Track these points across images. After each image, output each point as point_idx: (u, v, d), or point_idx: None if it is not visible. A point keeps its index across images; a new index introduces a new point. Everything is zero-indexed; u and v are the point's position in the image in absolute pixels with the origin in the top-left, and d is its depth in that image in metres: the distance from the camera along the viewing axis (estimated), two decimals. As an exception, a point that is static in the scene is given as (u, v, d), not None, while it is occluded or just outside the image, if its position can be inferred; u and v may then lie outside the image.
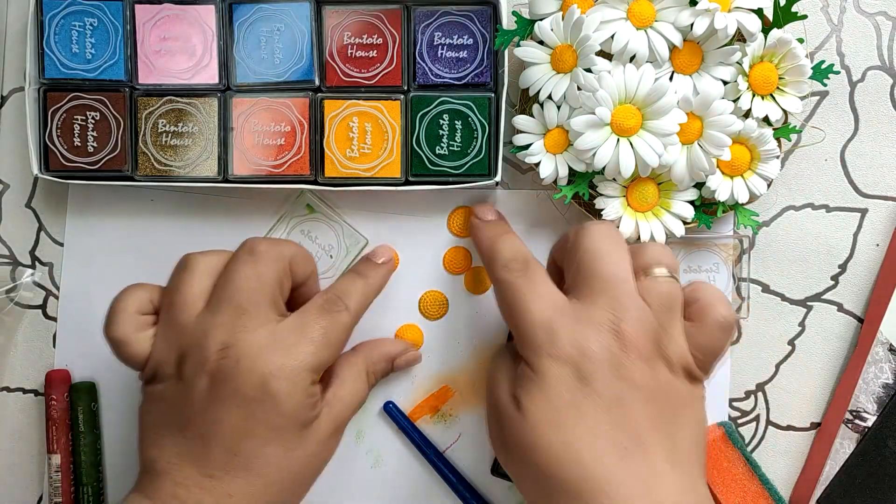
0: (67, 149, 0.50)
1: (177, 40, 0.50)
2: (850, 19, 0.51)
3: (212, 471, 0.40)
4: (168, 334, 0.42)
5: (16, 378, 0.53)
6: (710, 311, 0.40)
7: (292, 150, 0.49)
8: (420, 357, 0.51)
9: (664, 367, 0.39)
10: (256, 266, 0.42)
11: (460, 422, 0.52)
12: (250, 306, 0.41)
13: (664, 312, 0.39)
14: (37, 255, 0.53)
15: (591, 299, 0.39)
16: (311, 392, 0.41)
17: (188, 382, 0.40)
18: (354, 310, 0.44)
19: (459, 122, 0.49)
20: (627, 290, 0.39)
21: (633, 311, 0.38)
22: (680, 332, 0.40)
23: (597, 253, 0.40)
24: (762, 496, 0.50)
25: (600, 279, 0.39)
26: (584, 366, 0.37)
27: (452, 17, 0.49)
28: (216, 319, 0.41)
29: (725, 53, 0.45)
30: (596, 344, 0.38)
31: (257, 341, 0.40)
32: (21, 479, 0.52)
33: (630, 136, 0.45)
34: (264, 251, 0.42)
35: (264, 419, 0.40)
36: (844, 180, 0.51)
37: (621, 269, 0.40)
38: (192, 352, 0.41)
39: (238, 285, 0.41)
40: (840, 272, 0.51)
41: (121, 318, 0.42)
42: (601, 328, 0.38)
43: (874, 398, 0.49)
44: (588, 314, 0.39)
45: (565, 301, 0.40)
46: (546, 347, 0.38)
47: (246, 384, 0.40)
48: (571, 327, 0.38)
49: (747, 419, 0.52)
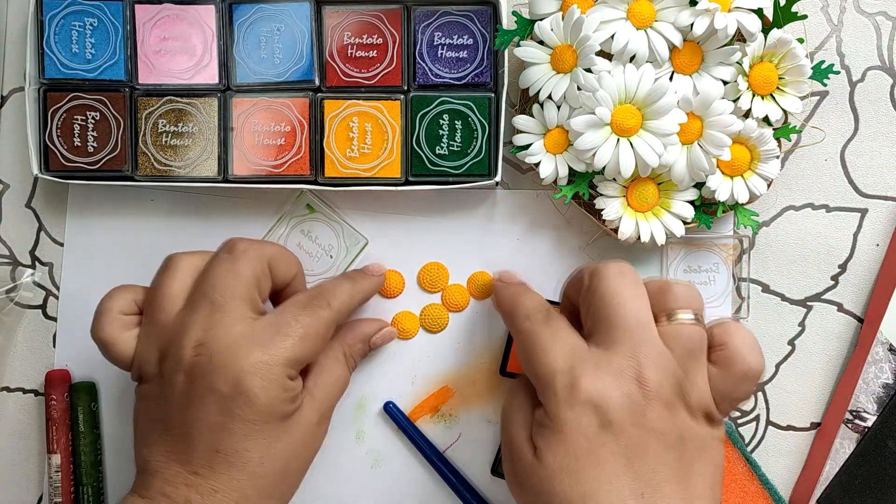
0: (67, 149, 0.50)
1: (177, 40, 0.50)
2: (850, 19, 0.51)
3: (196, 468, 0.40)
4: (149, 333, 0.42)
5: (16, 378, 0.53)
6: (737, 362, 0.39)
7: (292, 150, 0.49)
8: (395, 332, 0.51)
9: (685, 412, 0.38)
10: (234, 264, 0.42)
11: (460, 422, 0.52)
12: (226, 302, 0.41)
13: (687, 358, 0.39)
14: (37, 255, 0.53)
15: (611, 346, 0.39)
16: (287, 386, 0.41)
17: (167, 381, 0.41)
18: (336, 308, 0.44)
19: (459, 122, 0.49)
20: (649, 336, 0.39)
21: (654, 358, 0.38)
22: (703, 376, 0.39)
23: (615, 298, 0.39)
24: (762, 496, 0.50)
25: (621, 325, 0.39)
26: (604, 414, 0.37)
27: (452, 17, 0.49)
28: (192, 317, 0.41)
29: (725, 53, 0.45)
30: (617, 392, 0.37)
31: (231, 337, 0.40)
32: (21, 479, 0.52)
33: (630, 136, 0.45)
34: (242, 250, 0.43)
35: (241, 415, 0.40)
36: (844, 180, 0.51)
37: (641, 314, 0.39)
38: (170, 350, 0.41)
39: (214, 282, 0.42)
40: (840, 272, 0.51)
41: (105, 318, 0.43)
42: (622, 376, 0.38)
43: (874, 398, 0.49)
44: (609, 361, 0.38)
45: (586, 348, 0.39)
46: (566, 396, 0.38)
47: (220, 380, 0.40)
48: (592, 375, 0.38)
49: (747, 419, 0.52)
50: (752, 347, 0.40)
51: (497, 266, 0.51)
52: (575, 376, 0.38)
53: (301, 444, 0.42)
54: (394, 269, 0.51)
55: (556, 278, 0.51)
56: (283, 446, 0.41)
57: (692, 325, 0.39)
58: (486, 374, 0.51)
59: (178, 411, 0.40)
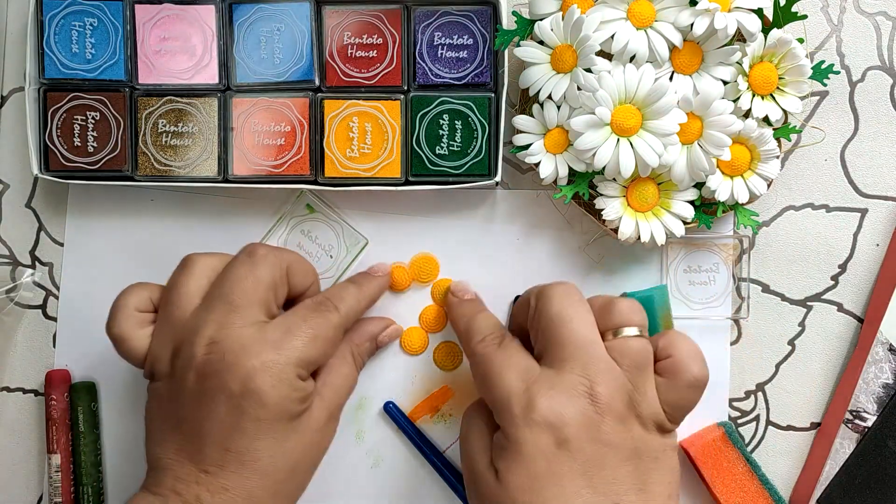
0: (67, 149, 0.50)
1: (177, 40, 0.50)
2: (850, 19, 0.51)
3: (207, 466, 0.40)
4: (164, 331, 0.42)
5: (16, 378, 0.53)
6: (682, 371, 0.40)
7: (292, 150, 0.49)
8: (402, 330, 0.51)
9: (637, 424, 0.40)
10: (253, 268, 0.43)
11: (460, 422, 0.51)
12: (241, 304, 0.42)
13: (635, 372, 0.40)
14: (37, 255, 0.53)
15: (562, 365, 0.40)
16: (297, 386, 0.41)
17: (179, 378, 0.41)
18: (344, 312, 0.45)
19: (459, 122, 0.49)
20: (597, 352, 0.40)
21: (604, 374, 0.39)
22: (651, 388, 0.40)
23: (561, 318, 0.41)
24: (762, 496, 0.50)
25: (569, 345, 0.40)
26: (560, 432, 0.38)
27: (452, 17, 0.49)
28: (208, 316, 0.41)
29: (725, 53, 0.45)
30: (571, 409, 0.38)
31: (243, 338, 0.41)
32: (21, 479, 0.52)
33: (630, 136, 0.45)
34: (262, 255, 0.43)
35: (251, 413, 0.40)
36: (844, 180, 0.51)
37: (588, 332, 0.40)
38: (183, 348, 0.41)
39: (232, 284, 0.42)
40: (840, 272, 0.51)
41: (121, 315, 0.43)
42: (575, 393, 0.39)
43: (874, 398, 0.49)
44: (561, 380, 0.39)
45: (538, 369, 0.40)
46: (522, 417, 0.39)
47: (231, 379, 0.40)
48: (546, 394, 0.39)
49: (747, 419, 0.52)
50: (695, 357, 0.41)
51: (496, 266, 0.51)
52: (530, 397, 0.39)
53: (310, 443, 0.43)
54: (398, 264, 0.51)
55: (555, 278, 0.51)
56: (292, 445, 0.41)
57: (638, 340, 0.41)
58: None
59: (190, 409, 0.41)
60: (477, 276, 0.51)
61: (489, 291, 0.51)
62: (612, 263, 0.51)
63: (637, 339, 0.41)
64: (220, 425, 0.40)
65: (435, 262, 0.51)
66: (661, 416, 0.40)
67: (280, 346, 0.41)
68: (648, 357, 0.41)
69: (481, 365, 0.42)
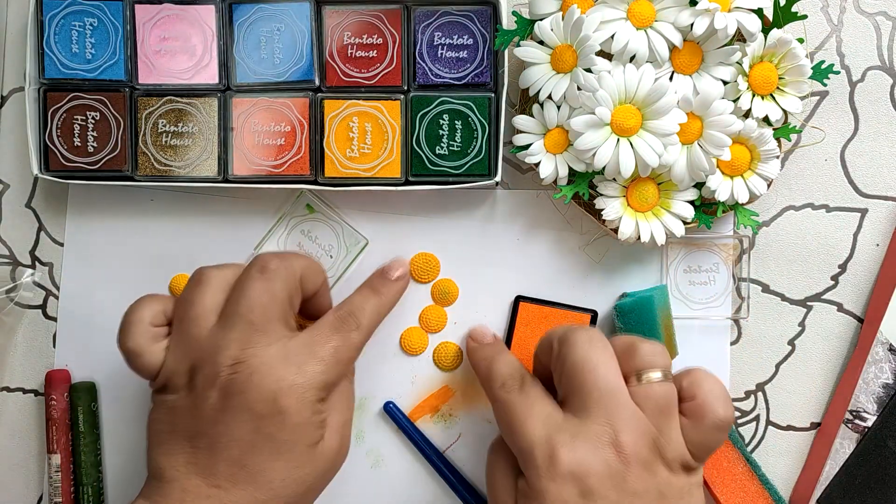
0: (67, 149, 0.50)
1: (177, 40, 0.50)
2: (850, 19, 0.51)
3: (219, 481, 0.40)
4: (181, 347, 0.42)
5: (16, 378, 0.53)
6: (708, 413, 0.40)
7: (292, 150, 0.49)
8: None
9: (663, 468, 0.39)
10: (268, 283, 0.42)
11: (460, 422, 0.52)
12: (262, 323, 0.41)
13: (660, 417, 0.40)
14: (37, 255, 0.53)
15: (585, 413, 0.39)
16: (317, 409, 0.41)
17: (199, 394, 0.41)
18: (367, 327, 0.44)
19: (459, 122, 0.49)
20: (621, 400, 0.39)
21: (628, 421, 0.39)
22: (676, 430, 0.40)
23: (585, 365, 0.40)
24: (762, 496, 0.50)
25: (593, 392, 0.39)
26: (585, 483, 0.38)
27: (452, 17, 0.49)
28: (229, 335, 0.41)
29: (725, 53, 0.45)
30: (595, 459, 0.38)
31: (268, 358, 0.41)
32: (21, 479, 0.52)
33: (630, 136, 0.45)
34: (275, 269, 0.43)
35: (272, 434, 0.40)
36: (844, 180, 0.51)
37: (612, 379, 0.40)
38: (204, 365, 0.41)
39: (250, 303, 0.42)
40: (840, 272, 0.51)
41: (134, 329, 0.43)
42: (599, 443, 0.39)
43: (874, 398, 0.49)
44: (585, 429, 0.39)
45: (562, 416, 0.40)
46: (546, 468, 0.39)
47: (256, 399, 0.40)
48: (570, 444, 0.39)
49: (747, 419, 0.52)
50: (720, 398, 0.41)
51: (496, 266, 0.51)
52: (553, 447, 0.39)
53: (324, 471, 0.42)
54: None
55: (555, 278, 0.51)
56: (307, 472, 0.41)
57: (662, 385, 0.40)
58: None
59: (208, 425, 0.40)
60: (477, 276, 0.51)
61: (489, 291, 0.51)
62: (612, 263, 0.51)
63: (661, 384, 0.40)
64: (238, 443, 0.40)
65: (435, 260, 0.51)
66: (687, 456, 0.40)
67: (304, 368, 0.41)
68: (673, 401, 0.40)
69: (503, 411, 0.42)
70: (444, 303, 0.51)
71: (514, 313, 0.51)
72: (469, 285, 0.52)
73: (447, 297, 0.51)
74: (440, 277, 0.51)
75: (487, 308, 0.51)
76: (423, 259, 0.51)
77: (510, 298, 0.51)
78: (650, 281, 0.51)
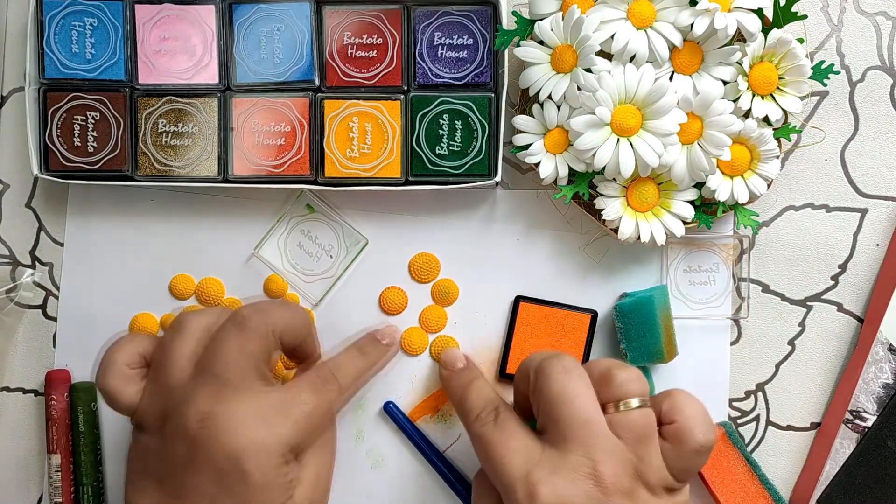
0: (67, 149, 0.50)
1: (177, 40, 0.50)
2: (850, 19, 0.51)
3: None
4: (155, 392, 0.42)
5: (16, 378, 0.53)
6: (688, 438, 0.40)
7: (292, 150, 0.49)
8: None
9: (645, 492, 0.39)
10: (243, 340, 0.42)
11: (460, 422, 0.51)
12: (235, 379, 0.41)
13: (639, 444, 0.39)
14: (37, 255, 0.53)
15: (564, 445, 0.39)
16: (283, 472, 0.41)
17: (168, 442, 0.41)
18: (347, 388, 0.44)
19: (459, 122, 0.49)
20: (599, 430, 0.39)
21: (607, 452, 0.39)
22: (657, 455, 0.40)
23: (561, 397, 0.40)
24: (762, 496, 0.50)
25: (570, 424, 0.39)
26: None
27: (452, 17, 0.49)
28: (201, 389, 0.41)
29: (725, 53, 0.45)
30: (575, 492, 0.38)
31: (238, 415, 0.40)
32: (21, 479, 0.52)
33: (630, 136, 0.45)
34: (253, 326, 0.42)
35: (237, 492, 0.40)
36: (844, 180, 0.51)
37: (588, 410, 0.39)
38: (174, 415, 0.41)
39: (224, 358, 0.41)
40: (840, 272, 0.51)
41: (111, 371, 0.43)
42: (578, 475, 0.38)
43: (874, 398, 0.49)
44: (564, 463, 0.39)
45: (540, 450, 0.40)
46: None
47: (221, 457, 0.40)
48: (549, 479, 0.38)
49: (747, 419, 0.52)
50: (700, 421, 0.40)
51: (496, 266, 0.51)
52: (532, 483, 0.38)
53: None
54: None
55: (555, 278, 0.51)
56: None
57: (640, 412, 0.40)
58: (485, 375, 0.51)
59: (175, 474, 0.40)
60: (477, 276, 0.51)
61: (489, 291, 0.51)
62: (612, 263, 0.51)
63: (639, 412, 0.40)
64: (202, 495, 0.40)
65: (435, 260, 0.51)
66: (669, 479, 0.40)
67: (274, 429, 0.41)
68: (652, 427, 0.40)
69: (480, 445, 0.42)
70: (444, 303, 0.51)
71: (514, 313, 0.51)
72: (469, 285, 0.52)
73: (447, 297, 0.51)
74: (440, 277, 0.51)
75: (487, 308, 0.51)
76: (423, 259, 0.51)
77: (510, 298, 0.51)
78: (650, 281, 0.51)
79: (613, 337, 0.51)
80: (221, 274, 0.52)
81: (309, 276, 0.51)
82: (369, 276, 0.52)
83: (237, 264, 0.52)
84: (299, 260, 0.52)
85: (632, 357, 0.48)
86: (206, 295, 0.52)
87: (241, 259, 0.52)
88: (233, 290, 0.52)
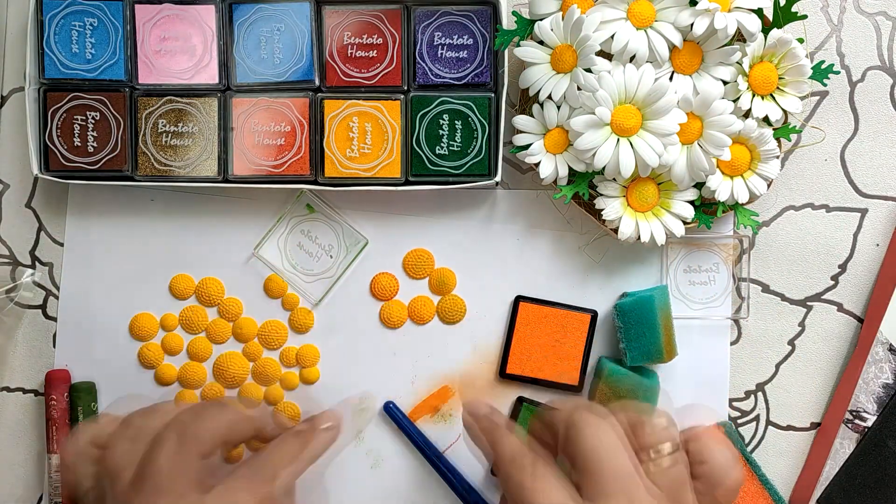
0: (67, 149, 0.50)
1: (177, 40, 0.50)
2: (850, 19, 0.51)
3: None
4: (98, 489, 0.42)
5: (16, 378, 0.53)
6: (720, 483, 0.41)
7: (292, 150, 0.49)
8: None
9: None
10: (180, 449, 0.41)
11: (460, 422, 0.51)
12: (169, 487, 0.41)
13: (676, 492, 0.40)
14: (37, 255, 0.53)
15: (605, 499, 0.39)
16: None
17: None
18: (285, 480, 0.43)
19: (459, 122, 0.49)
20: (636, 482, 0.40)
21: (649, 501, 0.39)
22: (692, 495, 0.41)
23: (598, 454, 0.40)
24: (762, 496, 0.50)
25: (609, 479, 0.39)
26: None
27: (452, 17, 0.49)
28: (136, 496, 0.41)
29: (725, 53, 0.45)
30: None
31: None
32: (21, 479, 0.52)
33: (630, 136, 0.45)
34: (190, 433, 0.42)
35: None
36: (844, 180, 0.51)
37: (626, 464, 0.40)
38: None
39: (159, 466, 0.41)
40: (840, 272, 0.51)
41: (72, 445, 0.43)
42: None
43: (874, 398, 0.49)
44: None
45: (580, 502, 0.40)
46: None
47: None
48: None
49: (747, 419, 0.52)
50: (730, 465, 0.42)
51: (496, 266, 0.51)
52: None
53: None
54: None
55: (555, 278, 0.51)
56: None
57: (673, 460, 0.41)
58: (486, 375, 0.51)
59: None
60: (477, 276, 0.51)
61: (489, 291, 0.51)
62: (612, 263, 0.51)
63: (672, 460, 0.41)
64: None
65: (429, 255, 0.51)
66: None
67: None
68: (686, 475, 0.41)
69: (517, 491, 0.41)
70: (441, 294, 0.51)
71: (514, 313, 0.51)
72: (469, 285, 0.52)
73: (444, 287, 0.51)
74: (437, 267, 0.51)
75: (487, 308, 0.51)
76: (417, 256, 0.51)
77: (510, 298, 0.51)
78: (650, 281, 0.51)
79: (613, 337, 0.51)
80: (221, 274, 0.52)
81: (309, 275, 0.51)
82: (370, 276, 0.52)
83: (237, 264, 0.52)
84: (299, 260, 0.52)
85: (631, 357, 0.48)
86: (205, 295, 0.52)
87: (241, 259, 0.52)
88: (233, 290, 0.52)
